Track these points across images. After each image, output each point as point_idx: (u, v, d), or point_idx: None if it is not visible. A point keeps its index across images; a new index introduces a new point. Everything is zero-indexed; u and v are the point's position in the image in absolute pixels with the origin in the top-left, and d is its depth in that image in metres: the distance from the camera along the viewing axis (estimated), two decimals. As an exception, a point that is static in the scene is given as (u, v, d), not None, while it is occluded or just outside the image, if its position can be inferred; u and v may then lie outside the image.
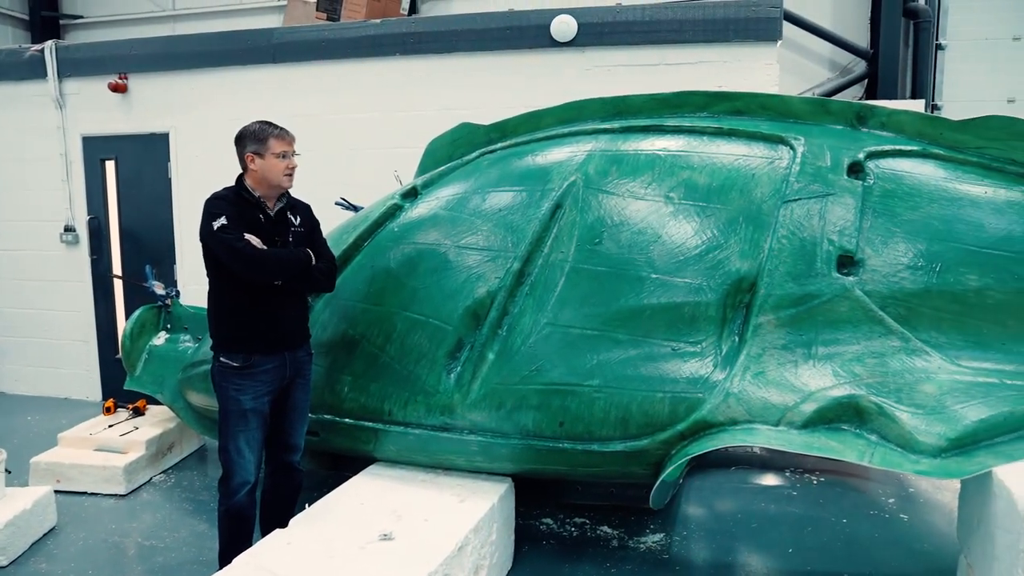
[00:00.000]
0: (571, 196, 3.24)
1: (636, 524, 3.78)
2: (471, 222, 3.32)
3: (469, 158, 3.66)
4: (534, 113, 3.66)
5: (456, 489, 3.16)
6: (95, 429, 4.53)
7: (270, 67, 5.28)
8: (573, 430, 2.97)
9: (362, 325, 3.32)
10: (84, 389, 6.14)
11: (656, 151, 3.28)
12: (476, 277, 3.19)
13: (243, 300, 2.92)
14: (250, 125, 2.96)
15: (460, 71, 4.95)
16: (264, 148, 2.92)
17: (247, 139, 2.93)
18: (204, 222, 2.87)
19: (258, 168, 2.91)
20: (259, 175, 2.93)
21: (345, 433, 3.33)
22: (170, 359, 4.42)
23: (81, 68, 5.73)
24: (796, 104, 3.36)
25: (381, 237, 3.49)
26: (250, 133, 2.93)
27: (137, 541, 3.63)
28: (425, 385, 3.13)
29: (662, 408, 2.88)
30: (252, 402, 2.95)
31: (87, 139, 5.81)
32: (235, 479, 2.96)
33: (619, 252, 3.08)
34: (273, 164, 2.92)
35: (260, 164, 2.91)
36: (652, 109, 3.47)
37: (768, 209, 3.07)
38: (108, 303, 5.95)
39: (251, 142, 2.92)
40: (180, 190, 5.61)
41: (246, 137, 2.94)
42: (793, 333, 2.88)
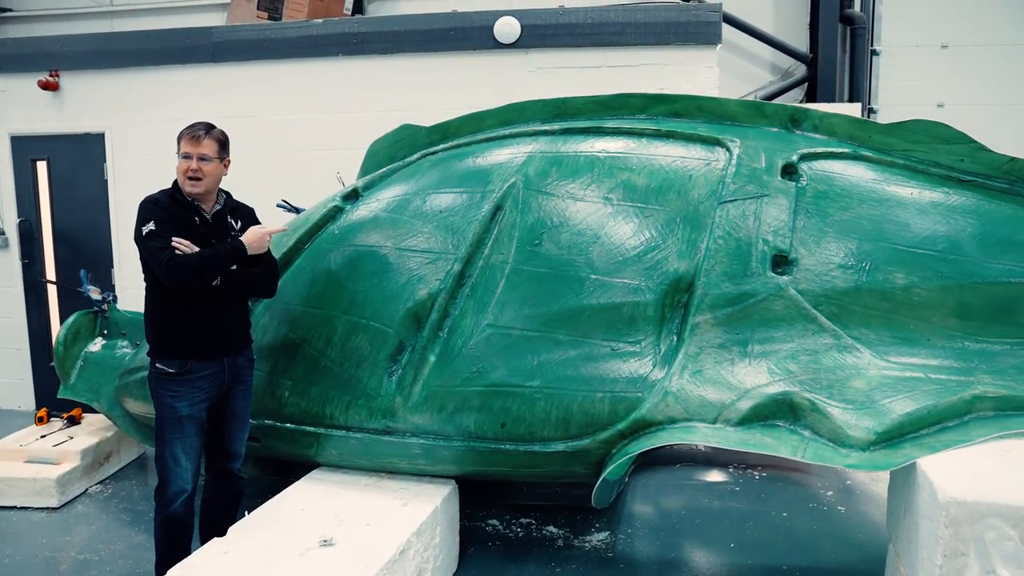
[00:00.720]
0: (511, 198, 3.25)
1: (581, 523, 3.81)
2: (412, 224, 3.30)
3: (411, 160, 3.64)
4: (476, 114, 3.65)
5: (399, 493, 3.14)
6: (26, 440, 4.37)
7: (210, 66, 5.17)
8: (515, 431, 2.98)
9: (302, 329, 3.27)
10: (16, 398, 5.92)
11: (595, 153, 3.31)
12: (417, 279, 3.18)
13: (179, 304, 2.85)
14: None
15: (404, 72, 4.92)
16: (178, 150, 2.88)
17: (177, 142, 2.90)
18: (136, 225, 2.81)
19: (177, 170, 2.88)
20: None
21: (286, 438, 3.28)
22: (107, 366, 4.29)
23: (8, 64, 5.52)
24: (732, 107, 3.43)
25: (322, 240, 3.45)
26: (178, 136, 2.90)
27: (70, 556, 3.52)
28: (366, 388, 3.11)
29: (602, 408, 2.91)
30: (188, 409, 2.88)
31: (16, 139, 5.60)
32: (171, 487, 2.89)
33: (559, 253, 3.10)
34: (179, 167, 2.86)
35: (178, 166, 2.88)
36: (592, 111, 3.50)
37: (705, 210, 3.12)
38: (41, 309, 5.74)
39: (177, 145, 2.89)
40: (117, 192, 5.45)
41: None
42: (730, 332, 2.94)
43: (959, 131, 3.16)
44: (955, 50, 6.50)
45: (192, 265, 2.76)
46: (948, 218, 3.04)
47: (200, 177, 2.85)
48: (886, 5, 6.79)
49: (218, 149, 2.90)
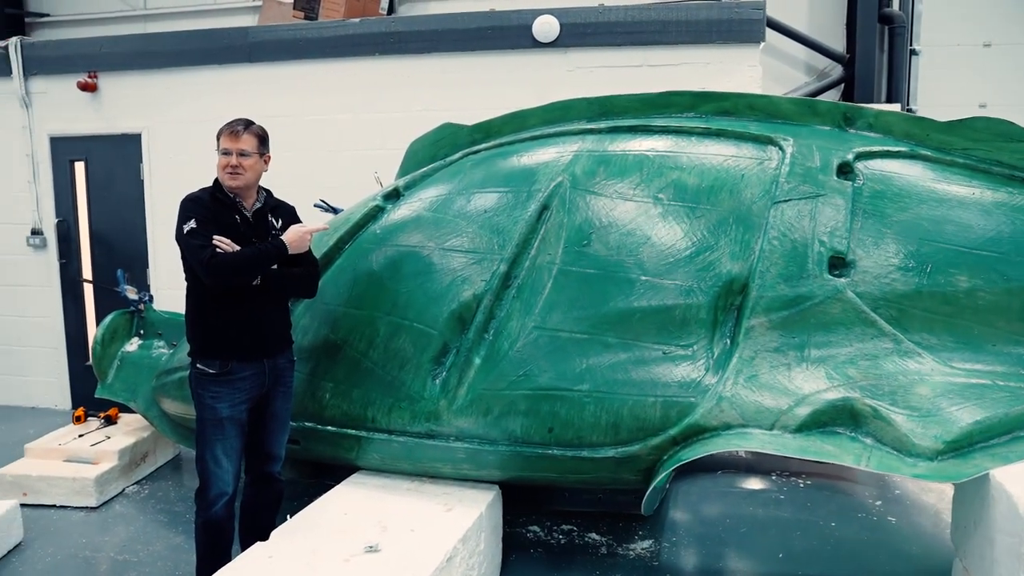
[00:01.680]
0: (558, 197, 3.18)
1: (624, 530, 3.72)
2: (455, 224, 3.24)
3: (452, 159, 3.59)
4: (519, 113, 3.59)
5: (442, 498, 3.08)
6: (64, 439, 4.37)
7: (246, 67, 5.17)
8: (563, 436, 2.91)
9: (344, 330, 3.22)
10: (53, 397, 5.95)
11: (644, 151, 3.23)
12: (461, 280, 3.12)
13: (220, 304, 2.81)
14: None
15: (440, 71, 4.88)
16: (218, 146, 2.85)
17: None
18: (177, 224, 2.78)
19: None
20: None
21: (327, 441, 3.23)
22: (143, 366, 4.29)
23: (48, 66, 5.56)
24: (784, 105, 3.34)
25: (363, 239, 3.40)
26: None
27: (109, 556, 3.50)
28: (410, 391, 3.05)
29: (654, 413, 2.83)
30: (229, 410, 2.84)
31: (55, 139, 5.64)
32: (212, 490, 2.86)
33: (608, 254, 3.02)
34: (219, 162, 2.83)
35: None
36: (638, 109, 3.42)
37: (758, 210, 3.03)
38: (78, 308, 5.77)
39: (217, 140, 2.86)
40: (153, 192, 5.47)
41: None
42: (785, 335, 2.84)
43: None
44: (998, 49, 6.35)
45: (232, 264, 2.72)
46: (1013, 219, 2.92)
47: (240, 172, 2.81)
48: (926, 4, 6.64)
49: (257, 144, 2.86)
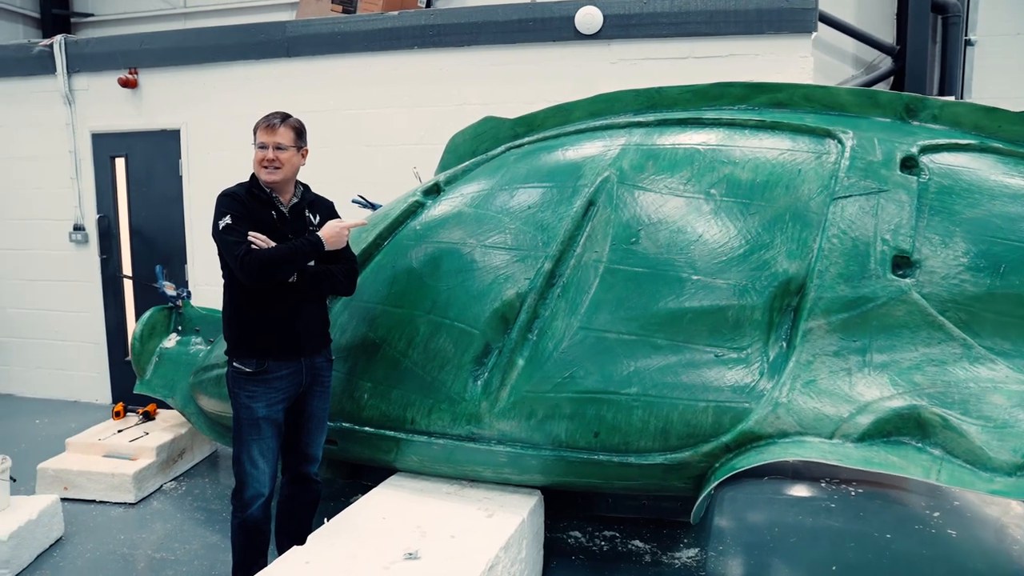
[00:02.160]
0: (605, 192, 3.06)
1: (669, 538, 3.60)
2: (498, 220, 3.14)
3: (494, 153, 3.48)
4: (563, 106, 3.48)
5: (483, 502, 2.99)
6: (104, 434, 4.38)
7: (283, 61, 5.13)
8: (609, 441, 2.79)
9: (383, 328, 3.14)
10: (94, 392, 6.00)
11: (695, 145, 3.09)
12: (504, 278, 3.01)
13: (256, 302, 2.75)
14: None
15: (480, 64, 4.78)
16: (255, 138, 2.78)
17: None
18: (214, 220, 2.73)
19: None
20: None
21: (365, 442, 3.16)
22: (181, 362, 4.28)
23: (90, 63, 5.59)
24: (842, 95, 3.17)
25: (402, 236, 3.32)
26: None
27: (147, 553, 3.47)
28: (450, 392, 2.96)
29: (705, 418, 2.70)
30: (266, 410, 2.78)
31: (96, 136, 5.67)
32: (248, 491, 2.80)
33: (657, 252, 2.90)
34: (256, 156, 2.77)
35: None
36: (688, 101, 3.28)
37: (816, 207, 2.88)
38: (118, 304, 5.80)
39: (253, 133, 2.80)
40: (191, 188, 5.46)
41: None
42: (846, 339, 2.69)
43: (1106, 120, 2.85)
44: (1059, 39, 6.05)
45: (268, 260, 2.65)
46: (1094, 216, 2.73)
47: (277, 166, 2.74)
48: (982, -9, 6.35)
49: (294, 138, 2.79)
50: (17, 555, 3.31)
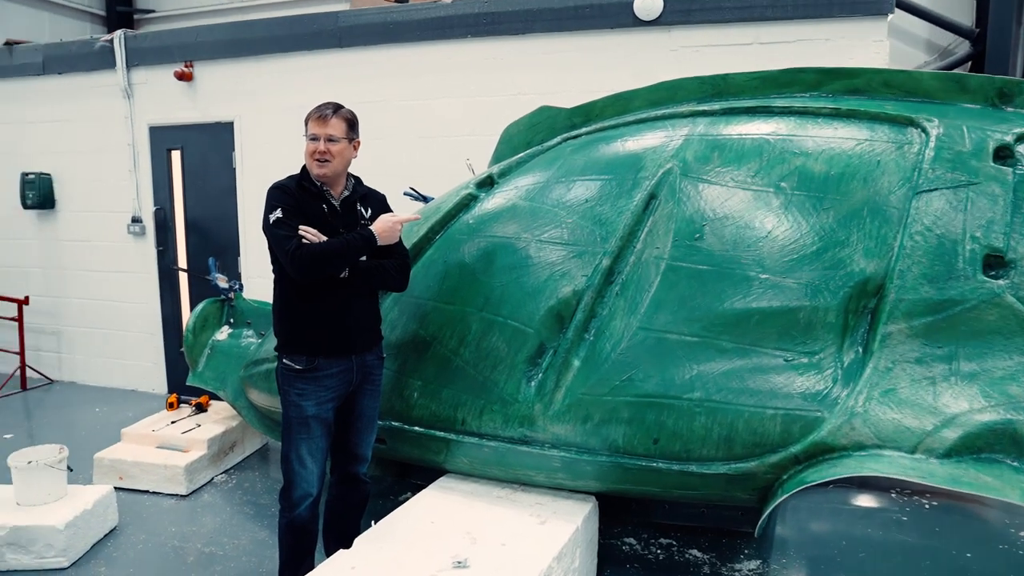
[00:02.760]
0: (667, 185, 2.90)
1: (728, 548, 3.44)
2: (554, 214, 3.01)
3: (550, 144, 3.35)
4: (622, 95, 3.32)
5: (535, 508, 2.88)
6: (157, 425, 4.41)
7: (336, 52, 5.08)
8: (669, 448, 2.65)
9: (433, 325, 3.05)
10: (150, 382, 6.10)
11: (764, 135, 2.91)
12: (560, 275, 2.89)
13: (307, 297, 2.68)
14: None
15: (536, 53, 4.64)
16: (306, 129, 2.71)
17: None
18: (264, 213, 2.66)
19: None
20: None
21: (414, 442, 3.08)
22: (232, 355, 4.27)
23: (148, 57, 5.65)
24: (926, 81, 2.94)
25: (454, 230, 3.21)
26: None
27: (197, 547, 3.46)
28: (503, 393, 2.85)
29: (773, 427, 2.53)
30: (315, 408, 2.71)
31: (154, 129, 5.73)
32: (297, 491, 2.74)
33: (723, 248, 2.73)
34: (307, 149, 2.69)
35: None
36: (756, 89, 3.09)
37: (897, 201, 2.67)
38: (174, 295, 5.87)
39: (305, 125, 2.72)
40: (244, 180, 5.48)
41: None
42: (930, 345, 2.49)
43: None
44: None
45: (319, 255, 2.57)
46: None
47: (328, 159, 2.66)
48: (1075, -33, 5.92)
49: (346, 129, 2.70)
50: (73, 544, 3.34)
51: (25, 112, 6.22)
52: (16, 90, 6.24)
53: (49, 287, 6.38)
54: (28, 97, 6.19)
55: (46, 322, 6.46)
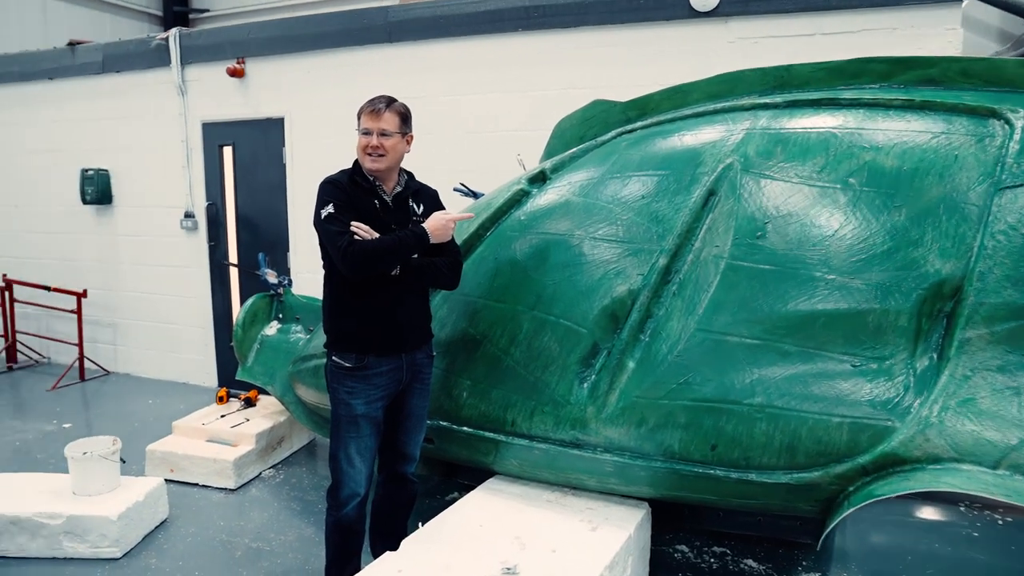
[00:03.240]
0: (727, 181, 2.78)
1: (786, 559, 3.30)
2: (609, 210, 2.92)
3: (604, 139, 3.25)
4: (679, 88, 3.20)
5: (586, 514, 2.79)
6: (207, 419, 4.45)
7: (386, 47, 5.05)
8: (727, 455, 2.54)
9: (484, 324, 2.99)
10: (201, 375, 6.19)
11: (830, 129, 2.76)
12: (615, 273, 2.79)
13: (357, 294, 2.63)
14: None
15: (588, 46, 4.54)
16: (358, 123, 2.66)
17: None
18: (315, 208, 2.62)
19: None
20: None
21: (463, 442, 3.02)
22: (281, 350, 4.28)
23: (202, 54, 5.72)
24: (1011, 69, 2.75)
25: (506, 226, 3.15)
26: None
27: (244, 542, 3.47)
28: (554, 394, 2.77)
29: (839, 435, 2.40)
30: (365, 407, 2.67)
31: (206, 125, 5.80)
32: (344, 490, 2.70)
33: (786, 247, 2.60)
34: (359, 143, 2.64)
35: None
36: (822, 80, 2.94)
37: (977, 198, 2.51)
38: (224, 290, 5.94)
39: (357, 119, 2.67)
40: (294, 176, 5.50)
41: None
42: (1015, 352, 2.33)
43: None
44: None
45: (371, 252, 2.52)
46: None
47: (382, 153, 2.61)
48: None
49: (399, 123, 2.65)
50: (125, 534, 3.38)
51: (86, 110, 6.37)
52: (78, 89, 6.39)
53: (106, 280, 6.53)
54: (88, 95, 6.34)
55: (103, 315, 6.61)
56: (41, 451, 4.64)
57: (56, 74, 6.47)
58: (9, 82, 6.75)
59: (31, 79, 6.62)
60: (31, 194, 6.82)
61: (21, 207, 6.91)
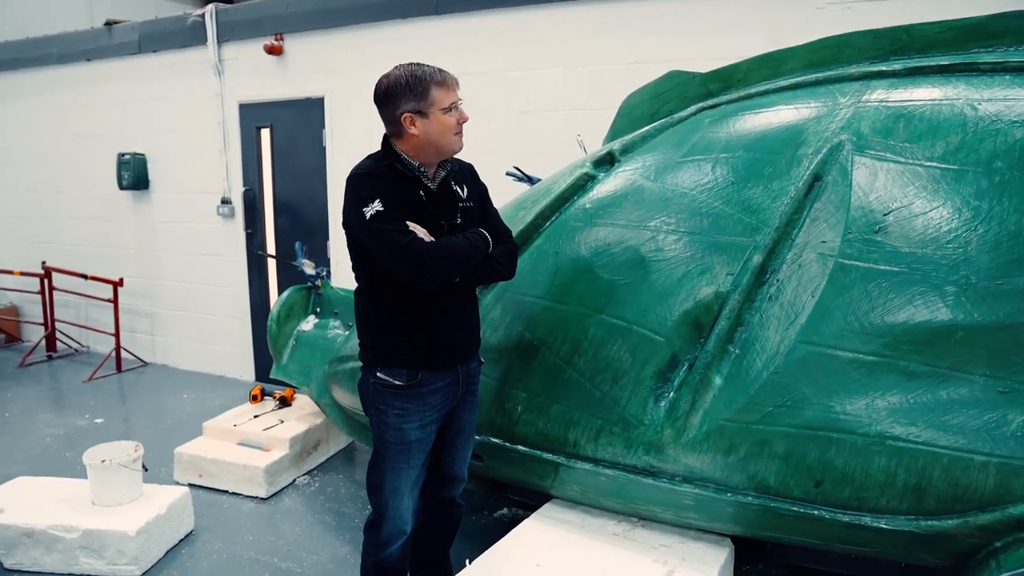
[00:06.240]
0: (836, 165, 2.33)
1: (886, 604, 2.84)
2: (690, 198, 2.50)
3: (682, 115, 2.82)
4: (772, 55, 2.76)
5: (660, 552, 2.40)
6: (240, 419, 4.17)
7: (433, 19, 4.66)
8: (835, 494, 2.11)
9: (542, 328, 2.60)
10: (238, 368, 5.95)
11: (969, 100, 2.29)
12: (698, 273, 2.37)
13: (408, 302, 2.21)
14: (396, 74, 2.13)
15: (656, 16, 4.08)
16: (426, 104, 2.12)
17: (400, 95, 2.12)
18: (351, 206, 2.14)
19: (420, 132, 2.13)
20: (421, 141, 2.15)
21: (516, 463, 2.64)
22: (318, 347, 3.96)
23: (239, 31, 5.42)
24: None
25: (568, 216, 2.74)
26: (403, 86, 2.11)
27: (274, 561, 3.16)
28: (625, 413, 2.37)
29: (983, 478, 1.96)
30: (419, 432, 2.28)
31: (244, 106, 5.51)
32: (388, 527, 2.33)
33: (913, 244, 2.15)
34: (441, 123, 2.14)
35: (423, 127, 2.13)
36: (953, 42, 2.46)
37: None
38: (262, 280, 5.67)
39: (407, 98, 2.12)
40: (334, 160, 5.17)
41: (398, 93, 2.12)
42: None
43: None
44: None
45: (449, 255, 2.13)
46: None
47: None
48: None
49: None
50: (146, 551, 3.10)
51: (123, 92, 6.15)
52: (114, 70, 6.17)
53: (143, 268, 6.33)
54: (125, 76, 6.12)
55: (141, 304, 6.42)
56: (70, 449, 4.42)
57: (94, 55, 6.26)
58: (48, 64, 6.58)
59: (69, 61, 6.43)
60: (71, 179, 6.65)
61: (61, 193, 6.75)
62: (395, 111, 2.14)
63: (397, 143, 2.20)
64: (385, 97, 2.16)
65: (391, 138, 2.22)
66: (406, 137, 2.17)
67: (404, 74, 2.13)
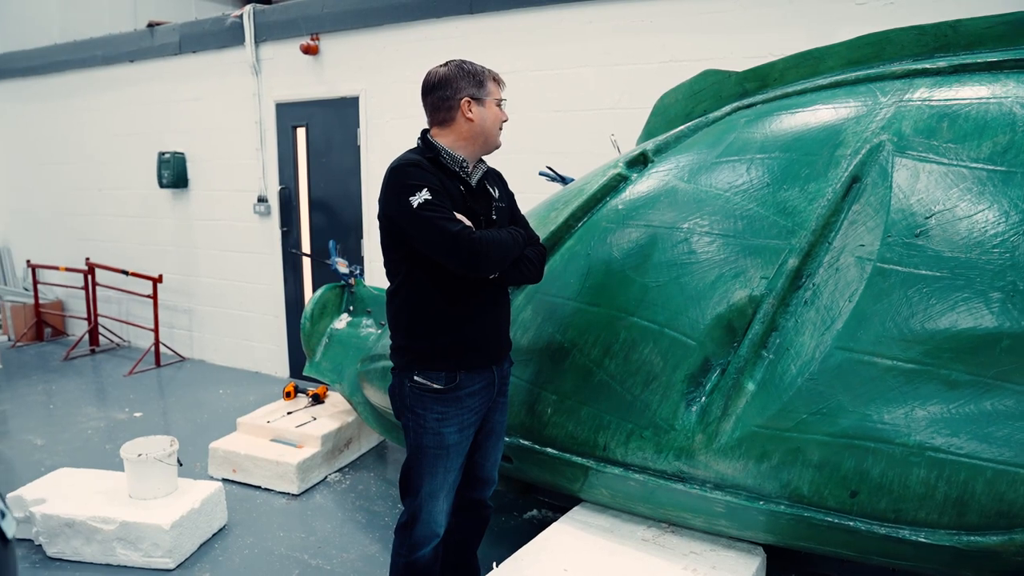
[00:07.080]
0: (876, 166, 2.27)
1: (925, 617, 2.76)
2: (725, 200, 2.45)
3: (717, 115, 2.77)
4: (810, 53, 2.69)
5: (690, 559, 2.36)
6: (273, 416, 4.21)
7: (466, 19, 4.66)
8: (872, 505, 2.05)
9: (573, 330, 2.57)
10: (273, 365, 6.02)
11: (1016, 99, 2.21)
12: (732, 276, 2.33)
13: (444, 298, 2.19)
14: (453, 64, 2.20)
15: (691, 14, 4.02)
16: (484, 91, 2.19)
17: (460, 80, 2.16)
18: (394, 197, 2.09)
19: (476, 118, 2.18)
20: (475, 129, 2.19)
21: (545, 465, 2.63)
22: (351, 345, 3.99)
23: (276, 31, 5.48)
24: None
25: (600, 216, 2.72)
26: (464, 72, 2.17)
27: (304, 558, 3.19)
28: (656, 417, 2.34)
29: (1029, 491, 1.89)
30: (457, 436, 2.26)
31: (280, 106, 5.57)
32: (421, 530, 2.32)
33: (956, 249, 2.08)
34: (495, 114, 2.22)
35: (480, 113, 2.18)
36: (1002, 38, 2.37)
37: None
38: (297, 278, 5.73)
39: (468, 84, 2.17)
40: (369, 158, 5.20)
41: (457, 78, 2.16)
42: None
43: None
44: None
45: (497, 246, 2.13)
46: None
47: None
48: None
49: None
50: (180, 544, 3.15)
51: (164, 92, 6.27)
52: (156, 70, 6.29)
53: (182, 266, 6.44)
54: (166, 77, 6.23)
55: (179, 300, 6.54)
56: (109, 441, 4.52)
57: (136, 56, 6.39)
58: (93, 66, 6.74)
59: (113, 62, 6.57)
60: (113, 178, 6.81)
61: (104, 191, 6.91)
62: (455, 95, 2.18)
63: (439, 136, 2.23)
64: (443, 82, 2.19)
65: (434, 129, 2.25)
66: (457, 123, 2.20)
67: (461, 64, 2.21)
